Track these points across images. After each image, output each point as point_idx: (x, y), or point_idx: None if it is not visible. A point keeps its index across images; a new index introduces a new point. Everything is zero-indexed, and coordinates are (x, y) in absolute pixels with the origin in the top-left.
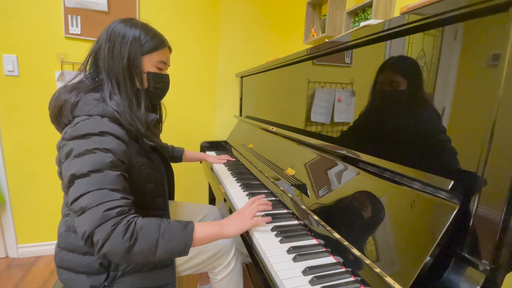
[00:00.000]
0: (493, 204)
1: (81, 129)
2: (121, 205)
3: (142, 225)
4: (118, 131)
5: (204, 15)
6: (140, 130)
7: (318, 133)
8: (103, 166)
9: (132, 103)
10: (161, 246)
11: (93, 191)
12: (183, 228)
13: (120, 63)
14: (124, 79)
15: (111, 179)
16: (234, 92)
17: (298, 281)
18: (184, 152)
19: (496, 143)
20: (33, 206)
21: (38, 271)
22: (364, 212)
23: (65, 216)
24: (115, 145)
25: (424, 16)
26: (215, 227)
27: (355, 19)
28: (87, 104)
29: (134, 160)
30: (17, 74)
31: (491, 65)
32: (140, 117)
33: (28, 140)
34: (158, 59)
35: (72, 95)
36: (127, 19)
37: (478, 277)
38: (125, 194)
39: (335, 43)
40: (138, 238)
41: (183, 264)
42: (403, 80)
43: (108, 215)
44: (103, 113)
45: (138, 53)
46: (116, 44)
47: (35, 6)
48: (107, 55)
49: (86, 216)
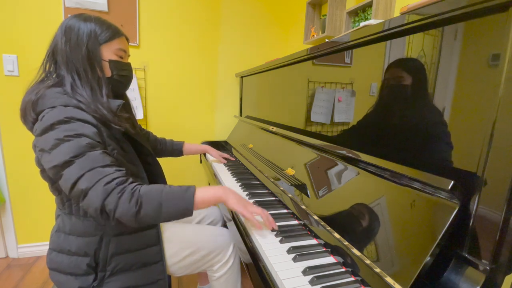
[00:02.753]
0: (493, 204)
1: (47, 121)
2: (117, 176)
3: (145, 191)
4: (84, 115)
5: (204, 15)
6: (106, 116)
7: (318, 133)
8: (83, 149)
9: (95, 92)
10: (164, 209)
11: (85, 173)
12: (184, 192)
13: (79, 54)
14: (85, 69)
15: (96, 158)
16: (234, 92)
17: (298, 281)
18: (183, 145)
19: (496, 143)
20: (33, 206)
21: (38, 271)
22: (364, 212)
23: (57, 217)
24: (86, 128)
25: (424, 16)
26: (219, 190)
27: (355, 19)
28: (49, 97)
29: (107, 142)
30: (17, 74)
31: (491, 65)
32: (104, 104)
33: (28, 140)
34: (117, 47)
35: (32, 94)
36: (79, 14)
37: (478, 277)
38: (117, 167)
39: (335, 43)
40: (142, 203)
41: (181, 261)
42: (403, 80)
43: (109, 188)
44: (66, 103)
45: (96, 42)
46: (73, 37)
47: (35, 6)
48: (65, 49)
49: (90, 196)
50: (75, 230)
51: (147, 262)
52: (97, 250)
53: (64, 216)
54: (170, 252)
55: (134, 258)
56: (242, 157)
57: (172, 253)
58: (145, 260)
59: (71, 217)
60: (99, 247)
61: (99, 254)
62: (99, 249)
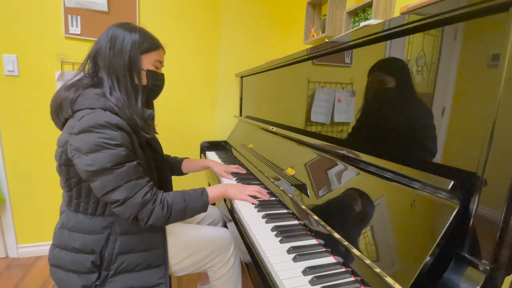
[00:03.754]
0: (493, 204)
1: (87, 122)
2: (150, 189)
3: (173, 201)
4: (120, 121)
5: (204, 15)
6: (138, 123)
7: (318, 133)
8: (123, 160)
9: (131, 98)
10: (188, 212)
11: (123, 185)
12: (201, 196)
13: (121, 61)
14: (124, 75)
15: (133, 170)
16: (234, 92)
17: (298, 281)
18: (183, 162)
19: (496, 143)
20: (33, 206)
21: (38, 271)
22: (364, 212)
23: (61, 213)
24: (123, 137)
25: (424, 16)
26: (222, 188)
27: (355, 19)
28: (88, 98)
29: (136, 150)
30: (17, 74)
31: (491, 65)
32: (138, 111)
33: (28, 140)
34: (156, 58)
35: (71, 91)
36: (125, 23)
37: (478, 277)
38: (147, 177)
39: (335, 43)
40: (172, 210)
41: (182, 261)
42: (403, 80)
43: (146, 200)
44: (105, 106)
45: (137, 52)
46: (117, 44)
47: (35, 6)
48: (109, 54)
49: (128, 206)
50: (81, 227)
51: (151, 264)
52: (104, 248)
53: (70, 213)
54: (172, 252)
55: (138, 259)
56: (242, 157)
57: (173, 254)
58: (148, 261)
59: (77, 215)
60: (105, 244)
61: (105, 252)
62: (105, 247)
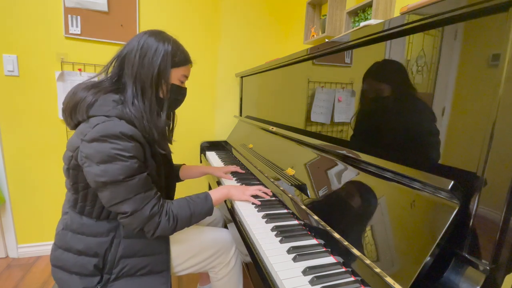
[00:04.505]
0: (493, 204)
1: (101, 131)
2: (158, 201)
3: (178, 211)
4: (135, 132)
5: (204, 15)
6: (155, 137)
7: (318, 133)
8: (134, 172)
9: (153, 110)
10: (194, 218)
11: (132, 197)
12: (205, 201)
13: (150, 71)
14: (151, 86)
15: (143, 182)
16: (234, 92)
17: (298, 281)
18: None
19: (496, 143)
20: (33, 206)
21: (38, 271)
22: (364, 212)
23: (64, 214)
24: (136, 149)
25: (424, 16)
26: (224, 190)
27: (355, 19)
28: (105, 104)
29: (148, 160)
30: (17, 74)
31: (491, 65)
32: (158, 125)
33: (28, 140)
34: (183, 73)
35: (90, 93)
36: (158, 32)
37: (478, 277)
38: (155, 189)
39: (335, 43)
40: (178, 220)
41: (184, 263)
42: (403, 80)
43: (154, 213)
44: (121, 115)
45: (168, 65)
46: (149, 54)
47: (35, 6)
48: (138, 62)
49: (136, 218)
50: (85, 230)
51: (153, 269)
52: (107, 251)
53: (74, 214)
54: (173, 254)
55: (141, 263)
56: (242, 157)
57: (174, 255)
58: (151, 267)
59: (81, 217)
60: (109, 247)
61: (108, 255)
62: (109, 250)
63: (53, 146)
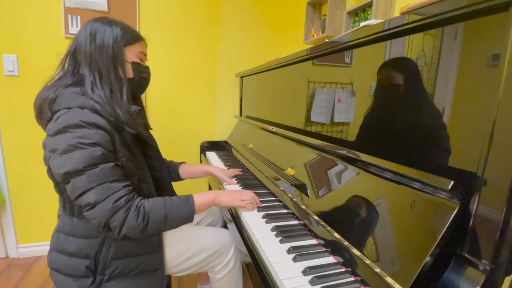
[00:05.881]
0: (493, 204)
1: (62, 123)
2: (125, 194)
3: (150, 208)
4: (99, 120)
5: (204, 15)
6: (121, 117)
7: (318, 133)
8: (96, 161)
9: (115, 92)
10: (169, 221)
11: (95, 187)
12: (185, 203)
13: (104, 54)
14: (108, 69)
15: (108, 172)
16: (234, 92)
17: (298, 281)
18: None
19: (496, 143)
20: (33, 206)
21: (38, 271)
22: (364, 212)
23: (58, 217)
24: (100, 137)
25: (424, 16)
26: (211, 195)
27: (355, 19)
28: (66, 97)
29: (118, 149)
30: (17, 74)
31: (491, 65)
32: (122, 106)
33: (28, 140)
34: (139, 50)
35: (51, 91)
36: (103, 17)
37: (478, 277)
38: (125, 182)
39: (335, 43)
40: (149, 219)
41: (183, 263)
42: (403, 80)
43: (118, 205)
44: (83, 105)
45: (121, 44)
46: (98, 37)
47: (35, 6)
48: (90, 49)
49: (98, 210)
50: (76, 232)
51: (146, 269)
52: (98, 253)
53: (65, 217)
54: (172, 254)
55: (134, 263)
56: (242, 157)
57: (173, 255)
58: (144, 266)
59: (72, 219)
60: (100, 249)
61: (99, 256)
62: (100, 252)
63: None
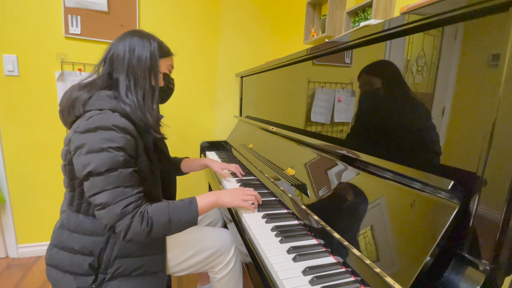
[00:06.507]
0: (493, 204)
1: (93, 123)
2: (135, 200)
3: (153, 213)
4: (128, 125)
5: (204, 15)
6: (149, 122)
7: (318, 133)
8: (118, 165)
9: (147, 99)
10: (173, 225)
11: (110, 189)
12: (188, 206)
13: (142, 63)
14: (144, 76)
15: (125, 177)
16: (234, 92)
17: (298, 281)
18: (182, 161)
19: (496, 143)
20: (33, 206)
21: (38, 271)
22: (364, 212)
23: (62, 213)
24: (126, 142)
25: (424, 16)
26: (213, 196)
27: (355, 19)
28: (99, 99)
29: (139, 154)
30: (17, 74)
31: (491, 65)
32: (152, 112)
33: (28, 140)
34: (170, 63)
35: (84, 91)
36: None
37: (478, 277)
38: (138, 188)
39: (335, 43)
40: (153, 224)
41: (183, 263)
42: (403, 80)
43: (126, 211)
44: (115, 108)
45: (157, 55)
46: (137, 48)
47: (35, 6)
48: (129, 57)
49: (107, 212)
50: (81, 228)
51: (148, 270)
52: (102, 250)
53: (70, 213)
54: (172, 254)
55: (136, 263)
56: (242, 157)
57: (173, 255)
58: (146, 267)
59: (78, 215)
60: (104, 247)
61: (103, 254)
62: (104, 250)
63: (53, 146)
